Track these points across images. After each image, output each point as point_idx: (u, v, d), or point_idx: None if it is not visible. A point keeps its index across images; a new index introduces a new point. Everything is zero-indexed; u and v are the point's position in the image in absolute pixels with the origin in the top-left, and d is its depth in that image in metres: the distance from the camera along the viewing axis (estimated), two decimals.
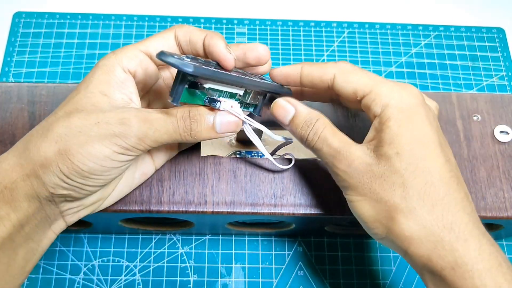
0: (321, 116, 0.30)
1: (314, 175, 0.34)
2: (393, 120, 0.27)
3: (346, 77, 0.29)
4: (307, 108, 0.30)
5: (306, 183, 0.34)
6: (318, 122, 0.30)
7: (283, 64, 0.52)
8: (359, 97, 0.29)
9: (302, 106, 0.30)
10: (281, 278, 0.42)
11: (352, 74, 0.29)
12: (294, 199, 0.33)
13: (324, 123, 0.30)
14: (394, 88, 0.28)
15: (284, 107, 0.31)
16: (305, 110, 0.30)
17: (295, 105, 0.30)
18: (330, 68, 0.30)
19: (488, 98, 0.37)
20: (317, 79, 0.30)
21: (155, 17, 0.54)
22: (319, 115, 0.30)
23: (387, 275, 0.42)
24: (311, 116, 0.30)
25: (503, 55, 0.54)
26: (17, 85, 0.36)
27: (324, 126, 0.29)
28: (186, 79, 0.25)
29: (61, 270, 0.41)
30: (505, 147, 0.36)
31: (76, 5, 0.55)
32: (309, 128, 0.30)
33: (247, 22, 0.55)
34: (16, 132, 0.34)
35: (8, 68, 0.51)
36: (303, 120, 0.30)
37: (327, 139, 0.29)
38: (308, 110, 0.30)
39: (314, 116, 0.30)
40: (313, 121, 0.30)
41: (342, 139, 0.29)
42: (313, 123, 0.30)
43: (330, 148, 0.29)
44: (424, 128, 0.27)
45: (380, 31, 0.55)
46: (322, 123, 0.30)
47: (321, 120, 0.30)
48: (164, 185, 0.33)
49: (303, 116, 0.30)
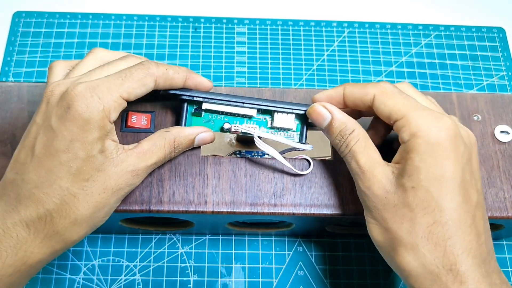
0: (356, 127, 0.30)
1: (314, 175, 0.34)
2: (416, 153, 0.27)
3: (383, 99, 0.29)
4: (344, 116, 0.30)
5: (306, 183, 0.34)
6: (352, 134, 0.30)
7: (283, 64, 0.52)
8: (392, 121, 0.29)
9: (339, 113, 0.30)
10: (281, 278, 0.42)
11: (389, 97, 0.29)
12: (294, 199, 0.33)
13: (357, 135, 0.30)
14: (426, 118, 0.28)
15: (321, 113, 0.31)
16: (341, 118, 0.30)
17: (332, 112, 0.31)
18: (370, 89, 0.30)
19: (488, 98, 0.37)
20: (359, 100, 0.31)
21: (155, 16, 0.54)
22: (354, 126, 0.30)
23: (387, 275, 0.42)
24: (346, 127, 0.30)
25: (504, 55, 0.54)
26: (17, 85, 0.36)
27: (356, 139, 0.29)
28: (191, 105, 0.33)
29: (61, 270, 0.41)
30: (505, 147, 0.36)
31: (76, 5, 0.55)
32: (342, 139, 0.30)
33: (247, 22, 0.55)
34: (16, 132, 0.34)
35: (8, 67, 0.51)
36: (338, 129, 0.30)
37: (356, 155, 0.29)
38: (344, 119, 0.30)
39: (349, 127, 0.30)
40: (347, 132, 0.30)
41: (370, 156, 0.29)
42: (347, 134, 0.30)
43: (357, 165, 0.29)
44: (446, 165, 0.27)
45: (381, 30, 0.55)
46: (356, 136, 0.30)
47: (355, 132, 0.30)
48: (165, 185, 0.33)
49: (338, 124, 0.30)
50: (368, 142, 0.30)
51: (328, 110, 0.31)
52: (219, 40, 0.53)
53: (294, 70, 0.52)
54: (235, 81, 0.51)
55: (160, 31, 0.53)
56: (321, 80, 0.52)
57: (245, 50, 0.53)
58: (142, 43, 0.53)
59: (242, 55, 0.53)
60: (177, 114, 0.34)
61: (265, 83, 0.51)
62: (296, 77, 0.52)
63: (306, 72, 0.52)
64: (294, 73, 0.52)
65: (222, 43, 0.53)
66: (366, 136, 0.30)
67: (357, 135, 0.30)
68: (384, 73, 0.52)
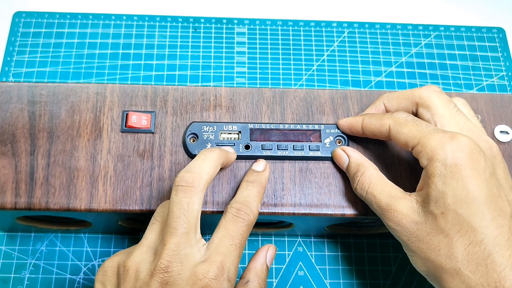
0: (367, 168, 0.31)
1: (314, 175, 0.34)
2: (437, 177, 0.27)
3: (398, 128, 0.30)
4: (358, 156, 0.32)
5: (306, 183, 0.34)
6: (362, 176, 0.31)
7: (283, 65, 0.52)
8: (410, 148, 0.29)
9: (354, 154, 0.32)
10: (281, 278, 0.42)
11: (403, 126, 0.30)
12: (294, 199, 0.33)
13: (369, 176, 0.30)
14: (441, 140, 0.28)
15: (341, 156, 0.33)
16: (355, 160, 0.32)
17: (348, 154, 0.32)
18: (386, 120, 0.31)
19: (488, 98, 0.37)
20: (377, 131, 0.31)
21: (155, 17, 0.54)
22: (365, 167, 0.31)
23: (387, 275, 0.42)
24: (357, 169, 0.31)
25: (503, 55, 0.54)
26: (17, 85, 0.36)
27: (369, 180, 0.30)
28: None
29: (61, 270, 0.41)
30: (505, 147, 0.36)
31: (76, 5, 0.55)
32: (355, 182, 0.31)
33: (247, 22, 0.55)
34: (16, 132, 0.34)
35: (8, 68, 0.51)
36: (353, 171, 0.32)
37: (374, 196, 0.30)
38: (356, 161, 0.32)
39: (360, 169, 0.31)
40: (358, 175, 0.31)
41: (389, 193, 0.29)
42: (358, 177, 0.31)
43: (379, 207, 0.30)
44: (469, 184, 0.27)
45: (380, 31, 0.55)
46: (368, 177, 0.30)
47: (366, 173, 0.30)
48: (165, 185, 0.33)
49: (353, 166, 0.32)
50: (382, 181, 0.30)
51: (346, 153, 0.32)
52: (219, 40, 0.53)
53: (294, 70, 0.52)
54: (235, 81, 0.51)
55: (160, 31, 0.53)
56: (321, 80, 0.52)
57: (245, 50, 0.53)
58: (142, 43, 0.53)
59: (242, 55, 0.53)
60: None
61: (265, 83, 0.51)
62: (296, 77, 0.52)
63: (306, 72, 0.52)
64: (294, 73, 0.52)
65: (222, 43, 0.53)
66: (379, 175, 0.30)
67: (369, 176, 0.30)
68: (384, 73, 0.52)
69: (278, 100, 0.36)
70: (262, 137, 0.34)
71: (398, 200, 0.29)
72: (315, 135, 0.35)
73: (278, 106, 0.36)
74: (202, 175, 0.28)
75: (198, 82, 0.51)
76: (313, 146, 0.34)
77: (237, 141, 0.34)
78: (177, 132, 0.35)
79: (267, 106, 0.36)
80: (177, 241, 0.27)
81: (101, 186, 0.33)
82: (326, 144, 0.34)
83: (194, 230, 0.28)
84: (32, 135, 0.34)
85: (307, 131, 0.35)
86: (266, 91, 0.36)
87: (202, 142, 0.34)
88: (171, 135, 0.35)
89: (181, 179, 0.28)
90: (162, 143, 0.34)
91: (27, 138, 0.34)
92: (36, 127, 0.34)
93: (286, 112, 0.36)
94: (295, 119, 0.36)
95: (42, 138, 0.34)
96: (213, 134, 0.34)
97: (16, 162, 0.33)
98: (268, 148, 0.34)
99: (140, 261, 0.27)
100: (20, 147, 0.34)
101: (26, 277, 0.41)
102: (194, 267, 0.27)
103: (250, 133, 0.34)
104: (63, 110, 0.35)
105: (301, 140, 0.34)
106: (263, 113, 0.36)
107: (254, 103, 0.36)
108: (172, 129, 0.35)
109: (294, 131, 0.35)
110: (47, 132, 0.34)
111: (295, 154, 0.34)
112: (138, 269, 0.27)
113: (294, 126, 0.35)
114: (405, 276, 0.42)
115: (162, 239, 0.28)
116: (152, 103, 0.35)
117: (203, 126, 0.34)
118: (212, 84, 0.51)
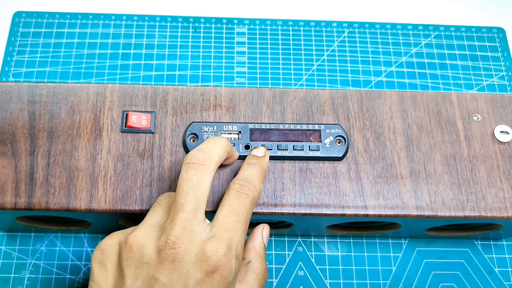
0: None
1: (314, 175, 0.34)
2: None
3: None
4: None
5: (306, 183, 0.34)
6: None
7: (283, 65, 0.52)
8: None
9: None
10: (281, 278, 0.42)
11: None
12: (294, 199, 0.33)
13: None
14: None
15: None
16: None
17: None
18: None
19: (488, 98, 0.37)
20: None
21: (155, 17, 0.54)
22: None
23: (387, 275, 0.42)
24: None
25: (503, 55, 0.54)
26: (17, 85, 0.36)
27: None
28: None
29: (61, 270, 0.41)
30: (505, 147, 0.36)
31: (76, 5, 0.55)
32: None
33: (247, 22, 0.55)
34: (16, 132, 0.34)
35: (8, 67, 0.51)
36: None
37: None
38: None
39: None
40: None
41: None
42: None
43: None
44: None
45: (380, 31, 0.55)
46: None
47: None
48: (165, 185, 0.33)
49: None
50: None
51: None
52: (219, 40, 0.53)
53: (294, 70, 0.52)
54: (235, 81, 0.51)
55: (160, 31, 0.53)
56: (321, 80, 0.52)
57: (245, 50, 0.53)
58: (142, 43, 0.53)
59: (242, 55, 0.53)
60: None
61: (265, 83, 0.51)
62: (296, 77, 0.52)
63: (306, 72, 0.52)
64: (294, 73, 0.52)
65: (222, 43, 0.53)
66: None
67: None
68: (384, 73, 0.52)
69: (278, 100, 0.36)
70: (262, 137, 0.34)
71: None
72: (315, 135, 0.35)
73: (278, 106, 0.36)
74: (214, 156, 0.28)
75: (198, 82, 0.51)
76: (313, 146, 0.34)
77: (237, 141, 0.34)
78: (177, 132, 0.35)
79: (267, 106, 0.36)
80: (185, 217, 0.26)
81: (101, 186, 0.33)
82: (326, 144, 0.34)
83: (202, 208, 0.27)
84: (32, 135, 0.34)
85: (307, 131, 0.35)
86: (266, 91, 0.36)
87: (202, 142, 0.34)
88: (171, 135, 0.35)
89: (192, 157, 0.27)
90: (162, 143, 0.34)
91: (27, 138, 0.34)
92: (36, 127, 0.34)
93: (286, 112, 0.36)
94: (295, 119, 0.36)
95: (42, 138, 0.34)
96: (213, 134, 0.34)
97: (16, 162, 0.33)
98: (268, 148, 0.34)
99: (145, 237, 0.26)
100: (20, 147, 0.34)
101: (26, 277, 0.41)
102: (201, 245, 0.26)
103: (250, 133, 0.34)
104: (63, 110, 0.35)
105: (301, 140, 0.34)
106: (263, 113, 0.36)
107: (254, 103, 0.36)
108: (172, 129, 0.35)
109: (294, 131, 0.35)
110: (47, 132, 0.34)
111: (295, 154, 0.34)
112: (144, 245, 0.26)
113: (294, 126, 0.35)
114: (405, 276, 0.42)
115: (169, 216, 0.27)
116: (152, 103, 0.35)
117: (203, 126, 0.34)
118: (212, 84, 0.51)
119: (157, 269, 0.25)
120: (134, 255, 0.26)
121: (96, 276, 0.27)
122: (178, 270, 0.25)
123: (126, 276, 0.26)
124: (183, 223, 0.26)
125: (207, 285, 0.25)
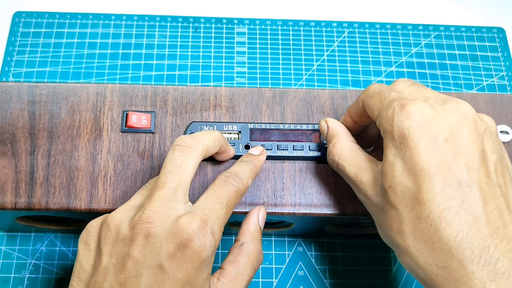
0: (339, 139, 0.30)
1: (314, 175, 0.34)
2: (388, 149, 0.26)
3: (367, 101, 0.29)
4: (336, 127, 0.31)
5: (306, 183, 0.34)
6: (334, 147, 0.30)
7: (283, 65, 0.52)
8: (375, 120, 0.28)
9: (333, 125, 0.31)
10: (281, 278, 0.42)
11: (370, 98, 0.29)
12: (294, 199, 0.33)
13: (341, 147, 0.30)
14: (393, 110, 0.26)
15: (321, 127, 0.32)
16: (332, 130, 0.31)
17: (328, 124, 0.32)
18: (360, 96, 0.30)
19: (488, 98, 0.37)
20: (359, 112, 0.31)
21: (155, 17, 0.54)
22: (338, 138, 0.30)
23: (387, 275, 0.42)
24: (331, 139, 0.31)
25: (503, 55, 0.54)
26: (17, 85, 0.36)
27: (340, 151, 0.30)
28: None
29: (61, 270, 0.41)
30: (505, 147, 0.36)
31: (76, 5, 0.55)
32: (327, 153, 0.31)
33: (247, 22, 0.55)
34: (16, 132, 0.34)
35: (8, 67, 0.51)
36: (329, 140, 0.31)
37: (344, 168, 0.29)
38: (332, 131, 0.31)
39: (333, 140, 0.30)
40: (330, 145, 0.30)
41: (357, 165, 0.29)
42: (330, 147, 0.30)
43: (348, 178, 0.29)
44: (416, 155, 0.25)
45: (380, 31, 0.55)
46: (339, 148, 0.30)
47: (338, 144, 0.30)
48: None
49: (328, 138, 0.31)
50: (353, 152, 0.29)
51: (326, 123, 0.32)
52: (219, 40, 0.53)
53: (294, 70, 0.52)
54: (235, 81, 0.51)
55: (160, 31, 0.53)
56: (321, 80, 0.52)
57: (245, 50, 0.53)
58: (142, 43, 0.53)
59: (242, 55, 0.53)
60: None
61: (265, 83, 0.51)
62: (296, 77, 0.52)
63: (306, 72, 0.52)
64: (294, 73, 0.52)
65: (222, 43, 0.53)
66: (351, 146, 0.29)
67: (341, 147, 0.30)
68: (384, 73, 0.52)
69: (278, 100, 0.36)
70: (262, 137, 0.34)
71: (364, 171, 0.28)
72: (315, 135, 0.35)
73: (278, 106, 0.36)
74: (202, 141, 0.28)
75: (198, 82, 0.51)
76: (313, 146, 0.34)
77: (237, 141, 0.34)
78: (177, 132, 0.35)
79: (267, 106, 0.36)
80: (164, 194, 0.26)
81: (101, 186, 0.33)
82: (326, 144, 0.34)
83: (183, 189, 0.27)
84: (32, 135, 0.34)
85: (307, 131, 0.35)
86: (266, 91, 0.36)
87: None
88: (171, 135, 0.35)
89: (180, 140, 0.28)
90: (162, 143, 0.34)
91: (27, 138, 0.34)
92: (36, 127, 0.34)
93: (286, 112, 0.36)
94: (295, 119, 0.36)
95: (42, 138, 0.34)
96: None
97: (16, 162, 0.33)
98: (268, 148, 0.34)
99: (123, 216, 0.26)
100: (20, 147, 0.34)
101: (26, 277, 0.41)
102: (177, 219, 0.25)
103: (250, 133, 0.34)
104: (63, 110, 0.35)
105: (301, 140, 0.34)
106: (263, 113, 0.36)
107: (254, 103, 0.36)
108: (172, 129, 0.35)
109: (294, 131, 0.35)
110: (47, 132, 0.34)
111: (295, 154, 0.34)
112: (120, 223, 0.26)
113: (294, 126, 0.35)
114: (405, 276, 0.42)
115: (149, 194, 0.27)
116: (152, 103, 0.35)
117: (203, 126, 0.34)
118: (212, 84, 0.51)
119: (131, 245, 0.25)
120: (111, 233, 0.26)
121: (80, 256, 0.27)
122: (151, 245, 0.25)
123: (103, 254, 0.26)
124: (161, 199, 0.26)
125: (179, 259, 0.25)
